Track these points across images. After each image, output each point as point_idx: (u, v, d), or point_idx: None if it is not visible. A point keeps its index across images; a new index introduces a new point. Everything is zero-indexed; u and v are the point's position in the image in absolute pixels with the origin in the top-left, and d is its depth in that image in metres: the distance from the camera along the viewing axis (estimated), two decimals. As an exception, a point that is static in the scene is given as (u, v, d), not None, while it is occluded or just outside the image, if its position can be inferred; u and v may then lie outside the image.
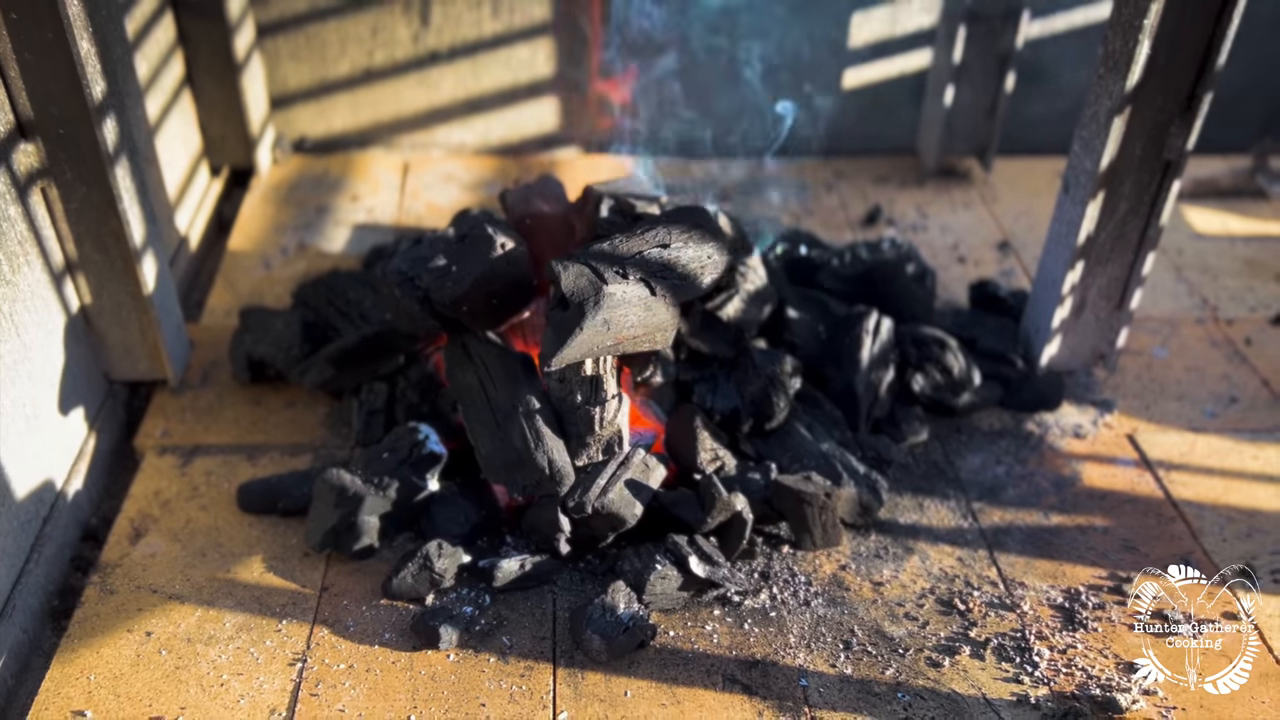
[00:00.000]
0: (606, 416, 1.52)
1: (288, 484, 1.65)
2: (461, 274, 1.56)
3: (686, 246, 1.53)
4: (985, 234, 2.42)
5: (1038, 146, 2.72)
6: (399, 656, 1.44)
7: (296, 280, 2.16)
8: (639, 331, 1.50)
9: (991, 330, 1.99)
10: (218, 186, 2.48)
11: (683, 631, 1.49)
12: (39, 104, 1.53)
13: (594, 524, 1.53)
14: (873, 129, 2.71)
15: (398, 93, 2.59)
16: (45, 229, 1.61)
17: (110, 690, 1.38)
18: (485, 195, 2.50)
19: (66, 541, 1.64)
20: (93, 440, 1.74)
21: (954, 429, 1.88)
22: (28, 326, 1.55)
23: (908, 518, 1.70)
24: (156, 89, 2.13)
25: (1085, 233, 1.76)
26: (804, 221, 2.44)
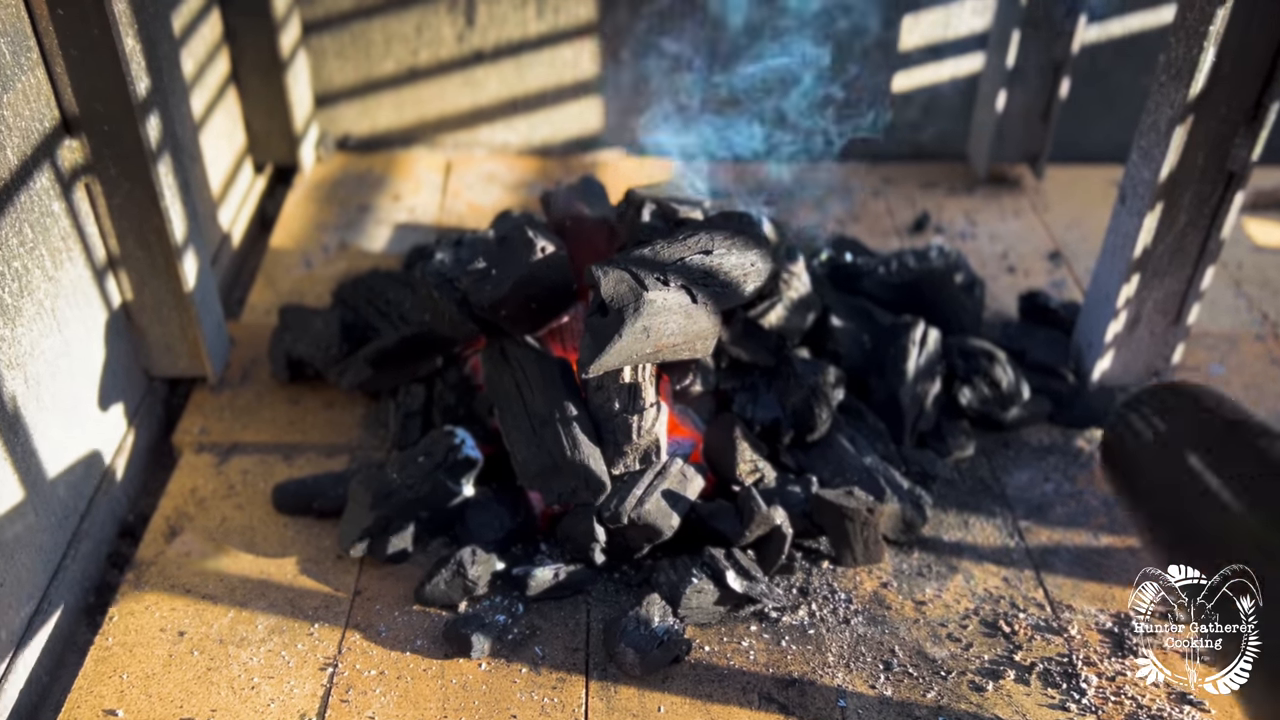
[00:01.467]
0: (644, 425, 1.50)
1: (323, 485, 1.64)
2: (500, 277, 1.54)
3: (729, 253, 1.50)
4: (1036, 243, 2.36)
5: (1091, 154, 2.66)
6: (430, 664, 1.42)
7: (337, 279, 2.16)
8: (679, 339, 1.47)
9: (1042, 343, 1.94)
10: (261, 184, 2.48)
11: (718, 647, 1.46)
12: (84, 100, 1.53)
13: (630, 534, 1.50)
14: (923, 134, 2.66)
15: (442, 92, 2.58)
16: (88, 225, 1.61)
17: (142, 690, 1.37)
18: (527, 196, 2.48)
19: (103, 538, 1.64)
20: (132, 436, 1.74)
21: (1001, 444, 1.83)
22: (69, 322, 1.55)
23: (952, 535, 1.65)
24: (202, 85, 2.14)
25: (1142, 245, 1.71)
26: (849, 228, 2.40)
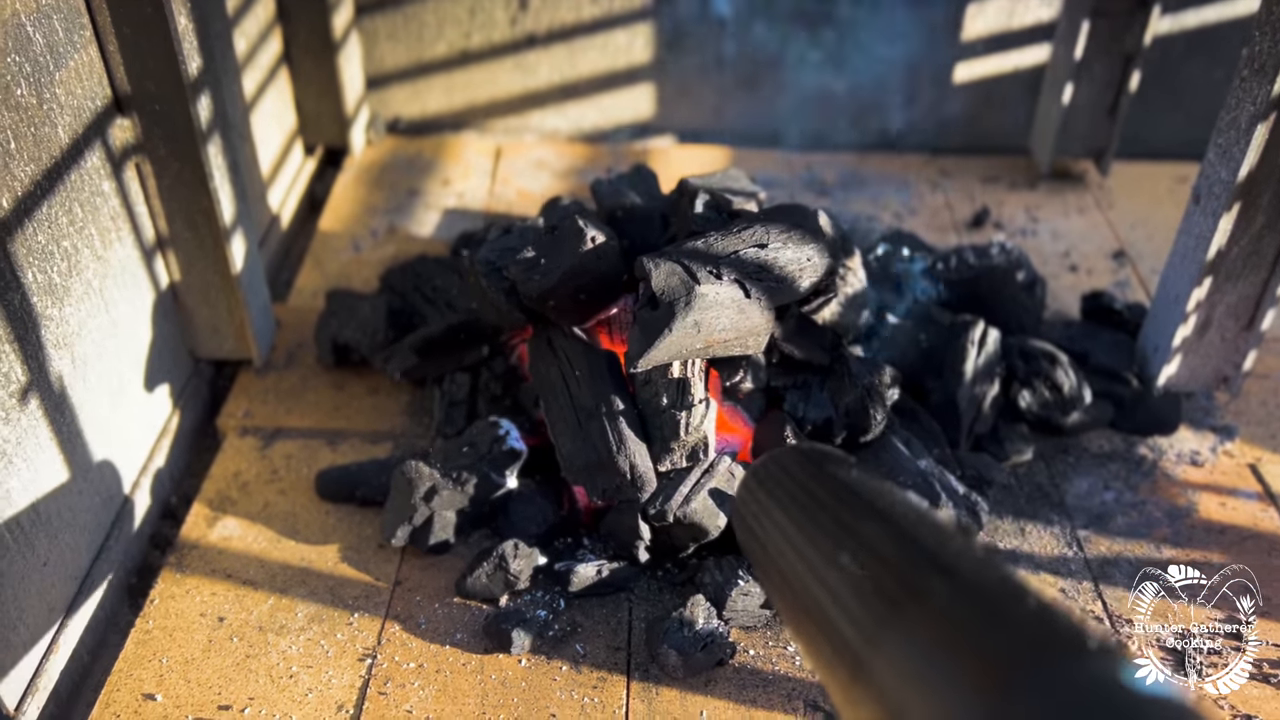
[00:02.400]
0: (693, 422, 1.46)
1: (366, 473, 1.63)
2: (549, 267, 1.51)
3: (785, 247, 1.46)
4: (1099, 242, 2.29)
5: (1159, 150, 2.57)
6: (469, 659, 1.40)
7: (385, 263, 2.14)
8: (730, 335, 1.43)
9: (1105, 345, 1.87)
10: (311, 165, 2.47)
11: (764, 651, 1.42)
12: (136, 79, 1.52)
13: (675, 533, 1.47)
14: (983, 126, 2.59)
15: (493, 76, 2.55)
16: (138, 205, 1.60)
17: (181, 675, 1.37)
18: (577, 183, 2.45)
19: (147, 519, 1.64)
20: (176, 418, 1.74)
21: (1060, 449, 1.77)
22: (117, 302, 1.54)
23: (1008, 543, 1.60)
24: (254, 66, 2.12)
25: (1216, 247, 1.64)
26: (906, 222, 2.34)
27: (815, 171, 2.52)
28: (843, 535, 0.76)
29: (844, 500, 0.81)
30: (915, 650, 0.62)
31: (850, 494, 0.82)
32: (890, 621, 0.65)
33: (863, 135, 2.62)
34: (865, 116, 2.60)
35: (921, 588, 0.65)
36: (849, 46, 2.50)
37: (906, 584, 0.66)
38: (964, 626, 0.61)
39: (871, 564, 0.70)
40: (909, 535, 0.71)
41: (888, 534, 0.73)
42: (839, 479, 0.85)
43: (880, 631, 0.65)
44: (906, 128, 2.60)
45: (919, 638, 0.62)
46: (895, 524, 0.74)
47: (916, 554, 0.69)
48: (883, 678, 0.63)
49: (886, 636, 0.64)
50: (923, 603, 0.64)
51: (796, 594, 0.78)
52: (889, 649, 0.64)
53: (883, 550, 0.71)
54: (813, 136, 2.63)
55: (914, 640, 0.63)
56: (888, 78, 2.54)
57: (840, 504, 0.81)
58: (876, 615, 0.66)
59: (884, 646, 0.64)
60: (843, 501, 0.81)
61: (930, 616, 0.63)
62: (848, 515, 0.78)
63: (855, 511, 0.78)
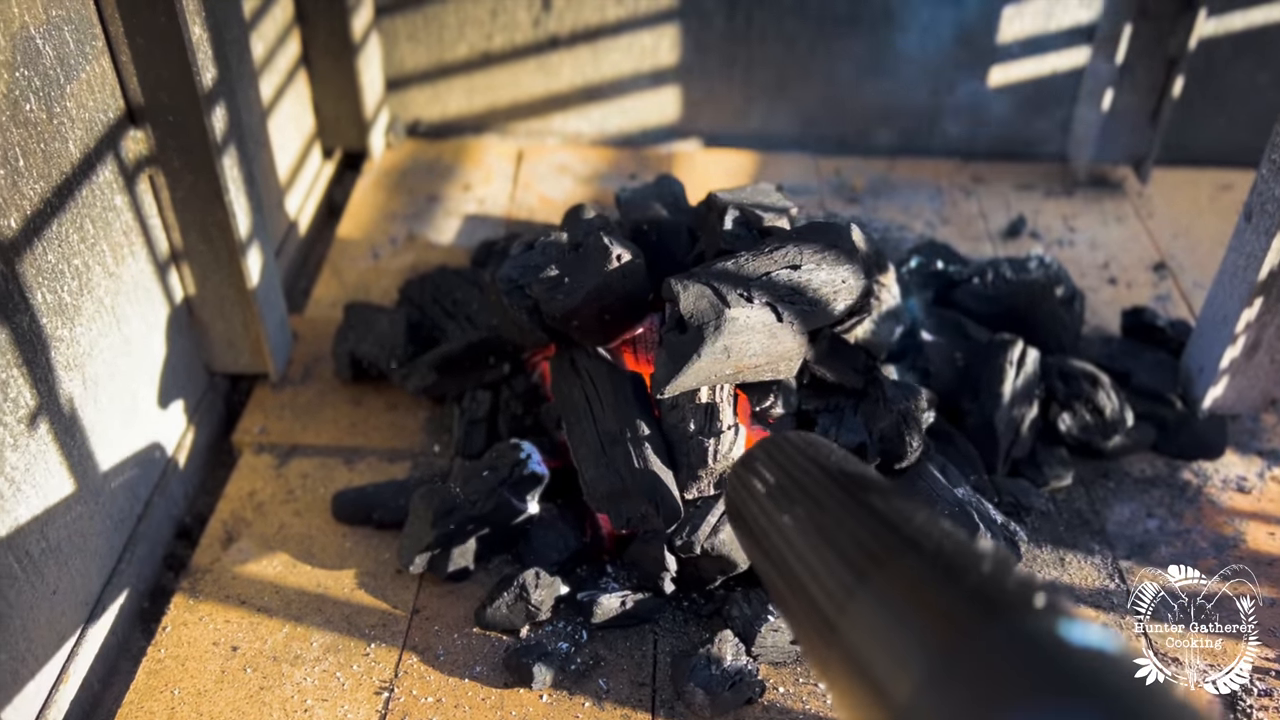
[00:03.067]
0: (721, 449, 1.40)
1: (384, 494, 1.58)
2: (573, 286, 1.45)
3: (819, 269, 1.40)
4: (1139, 253, 2.22)
5: (1200, 157, 2.49)
6: (489, 693, 1.35)
7: (404, 272, 2.09)
8: (761, 360, 1.38)
9: (1147, 365, 1.81)
10: (330, 170, 2.43)
11: (794, 689, 1.37)
12: (149, 90, 1.47)
13: (702, 565, 1.42)
14: (1019, 131, 2.52)
15: (515, 78, 2.49)
16: (151, 218, 1.56)
17: (193, 708, 1.33)
18: (599, 189, 2.40)
19: (159, 540, 1.60)
20: (191, 434, 1.70)
21: (1100, 473, 1.70)
22: (130, 319, 1.50)
23: (1047, 573, 1.54)
24: (272, 69, 2.08)
25: (1269, 267, 1.57)
26: (939, 231, 2.27)
27: (844, 177, 2.46)
28: (817, 512, 0.83)
29: (819, 481, 0.87)
30: (878, 612, 0.69)
31: (827, 475, 0.88)
32: (856, 588, 0.71)
33: (893, 140, 2.55)
34: (896, 120, 2.54)
35: (886, 557, 0.72)
36: (880, 48, 2.43)
37: (873, 554, 0.73)
38: (922, 590, 0.68)
39: (843, 538, 0.77)
40: (878, 511, 0.78)
41: (858, 510, 0.80)
42: (817, 462, 0.91)
43: (848, 597, 0.71)
44: (939, 132, 2.53)
45: (881, 601, 0.69)
46: (865, 501, 0.80)
47: (883, 528, 0.75)
48: (849, 637, 0.70)
49: (853, 601, 0.71)
50: (886, 570, 0.71)
51: (780, 570, 0.84)
52: (855, 612, 0.70)
53: (852, 525, 0.78)
54: (842, 141, 2.56)
55: (877, 603, 0.69)
56: (920, 81, 2.47)
57: (817, 484, 0.87)
58: (845, 583, 0.73)
59: (850, 610, 0.71)
60: (819, 482, 0.87)
61: (892, 581, 0.70)
62: (824, 494, 0.85)
63: (829, 490, 0.85)
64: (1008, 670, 0.58)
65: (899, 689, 0.63)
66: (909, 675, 0.62)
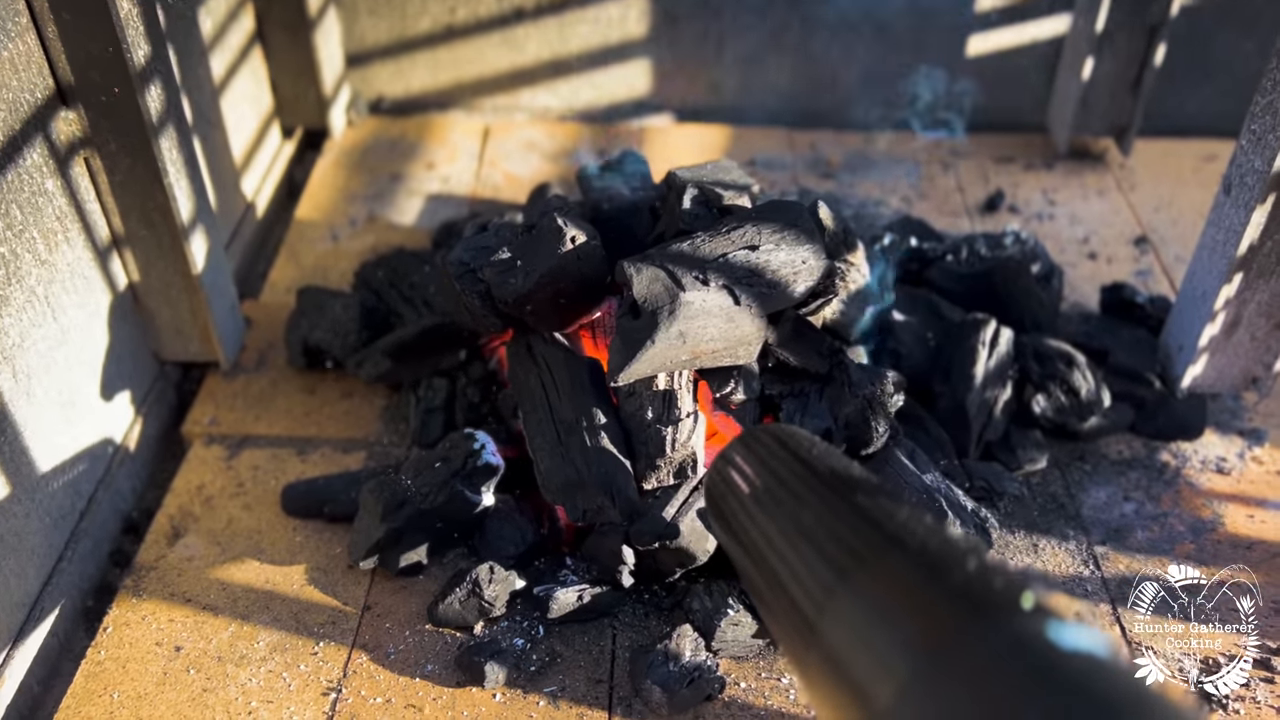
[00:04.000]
0: (679, 437, 1.35)
1: (334, 487, 1.53)
2: (527, 269, 1.40)
3: (778, 249, 1.34)
4: (1120, 227, 2.16)
5: (1184, 127, 2.43)
6: (440, 693, 1.31)
7: (364, 254, 2.03)
8: (719, 345, 1.33)
9: (1126, 343, 1.75)
10: (290, 149, 2.36)
11: (755, 684, 1.33)
12: (79, 69, 1.41)
13: (660, 557, 1.37)
14: (997, 102, 2.45)
15: (480, 52, 2.42)
16: (89, 203, 1.50)
17: (132, 712, 1.28)
18: (567, 166, 2.33)
19: (105, 536, 1.55)
20: (139, 425, 1.65)
21: (1076, 455, 1.66)
22: (66, 308, 1.45)
23: (1020, 560, 1.50)
24: (224, 46, 2.01)
25: (1249, 241, 1.52)
26: (915, 206, 2.21)
27: (820, 151, 2.40)
28: (798, 509, 0.79)
29: (801, 476, 0.84)
30: (859, 613, 0.66)
31: (808, 469, 0.84)
32: (837, 588, 0.68)
33: (870, 112, 2.49)
34: (872, 92, 2.47)
35: (868, 555, 0.69)
36: (856, 18, 2.36)
37: (854, 552, 0.70)
38: (905, 590, 0.65)
39: (824, 536, 0.74)
40: (860, 508, 0.75)
41: (839, 507, 0.76)
42: (799, 456, 0.87)
43: (828, 598, 0.69)
44: (916, 104, 2.47)
45: (863, 602, 0.66)
46: (847, 497, 0.77)
47: (865, 525, 0.72)
48: (830, 638, 0.67)
49: (834, 600, 0.68)
50: (868, 568, 0.68)
51: (759, 568, 0.81)
52: (835, 613, 0.67)
53: (834, 522, 0.75)
54: (818, 114, 2.49)
55: (858, 604, 0.67)
56: (896, 52, 2.40)
57: (797, 479, 0.84)
58: (826, 584, 0.70)
59: (831, 611, 0.68)
60: (799, 477, 0.84)
61: (874, 580, 0.67)
62: (804, 490, 0.81)
63: (810, 486, 0.81)
64: (994, 674, 0.56)
65: (880, 693, 0.60)
66: (891, 678, 0.60)
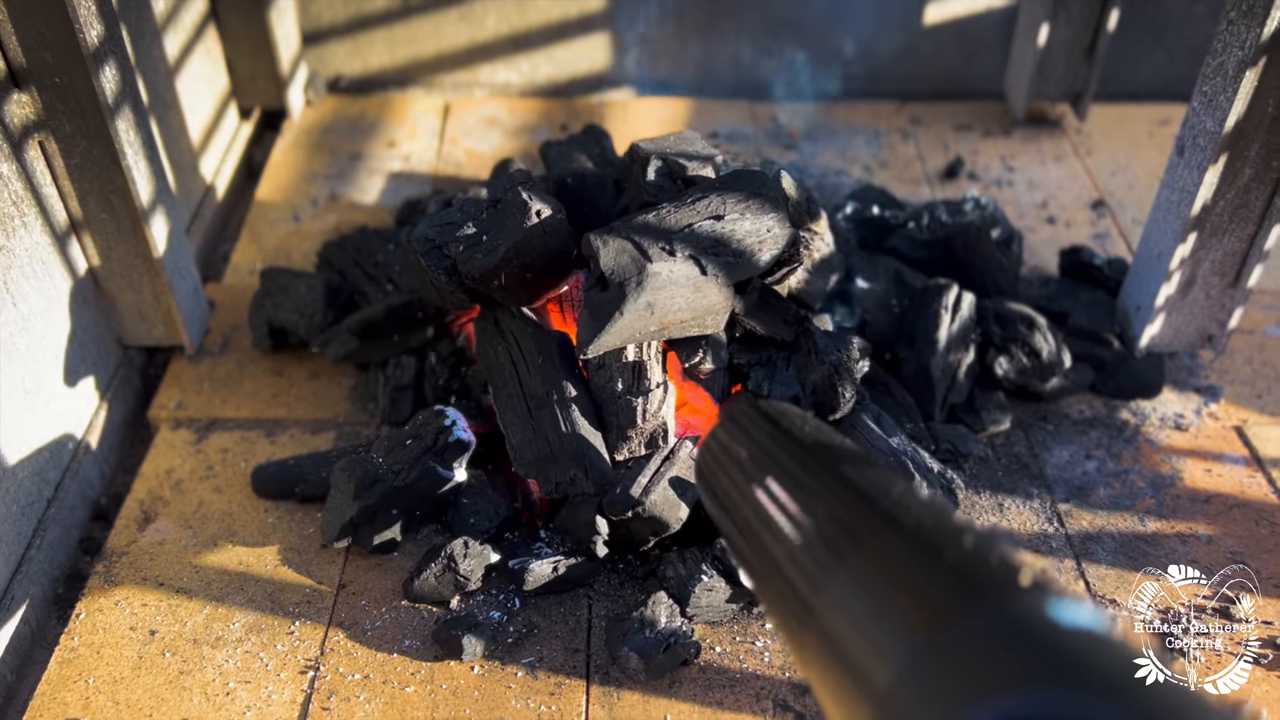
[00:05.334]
0: (650, 408, 1.37)
1: (305, 467, 1.53)
2: (492, 244, 1.40)
3: (743, 218, 1.35)
4: (1078, 191, 2.19)
5: (1138, 92, 2.46)
6: (419, 667, 1.32)
7: (326, 234, 2.02)
8: (687, 315, 1.34)
9: (1085, 305, 1.79)
10: (248, 130, 2.33)
11: (730, 648, 1.35)
12: (30, 50, 1.38)
13: (634, 527, 1.38)
14: (955, 70, 2.47)
15: (438, 28, 2.40)
16: (45, 187, 1.48)
17: (109, 696, 1.28)
18: (530, 141, 2.32)
19: (74, 523, 1.54)
20: (104, 412, 1.63)
21: (1039, 416, 1.69)
22: (25, 295, 1.43)
23: (985, 520, 1.53)
24: (177, 26, 1.98)
25: (1202, 201, 1.55)
26: (876, 175, 2.23)
27: (781, 122, 2.40)
28: (792, 488, 0.78)
29: (793, 454, 0.83)
30: (855, 594, 0.65)
31: (799, 448, 0.83)
32: (834, 568, 0.68)
33: (830, 82, 2.50)
34: (832, 63, 2.48)
35: (863, 533, 0.68)
36: (814, -12, 2.37)
37: (850, 532, 0.69)
38: (901, 569, 0.64)
39: (819, 514, 0.73)
40: (854, 485, 0.74)
41: (833, 485, 0.75)
42: (791, 434, 0.86)
43: (825, 578, 0.68)
44: (875, 73, 2.48)
45: (859, 581, 0.66)
46: (840, 474, 0.76)
47: (860, 503, 0.71)
48: (826, 621, 0.66)
49: (830, 582, 0.67)
50: (864, 547, 0.67)
51: (754, 548, 0.80)
52: (832, 593, 0.67)
53: (828, 500, 0.74)
54: (778, 85, 2.50)
55: (855, 584, 0.66)
56: (855, 21, 2.41)
57: (790, 458, 0.82)
58: (822, 563, 0.69)
59: (828, 592, 0.67)
60: (792, 455, 0.83)
61: (870, 561, 0.66)
62: (797, 468, 0.80)
63: (803, 464, 0.80)
64: (994, 654, 0.55)
65: (879, 674, 0.59)
66: (890, 659, 0.59)
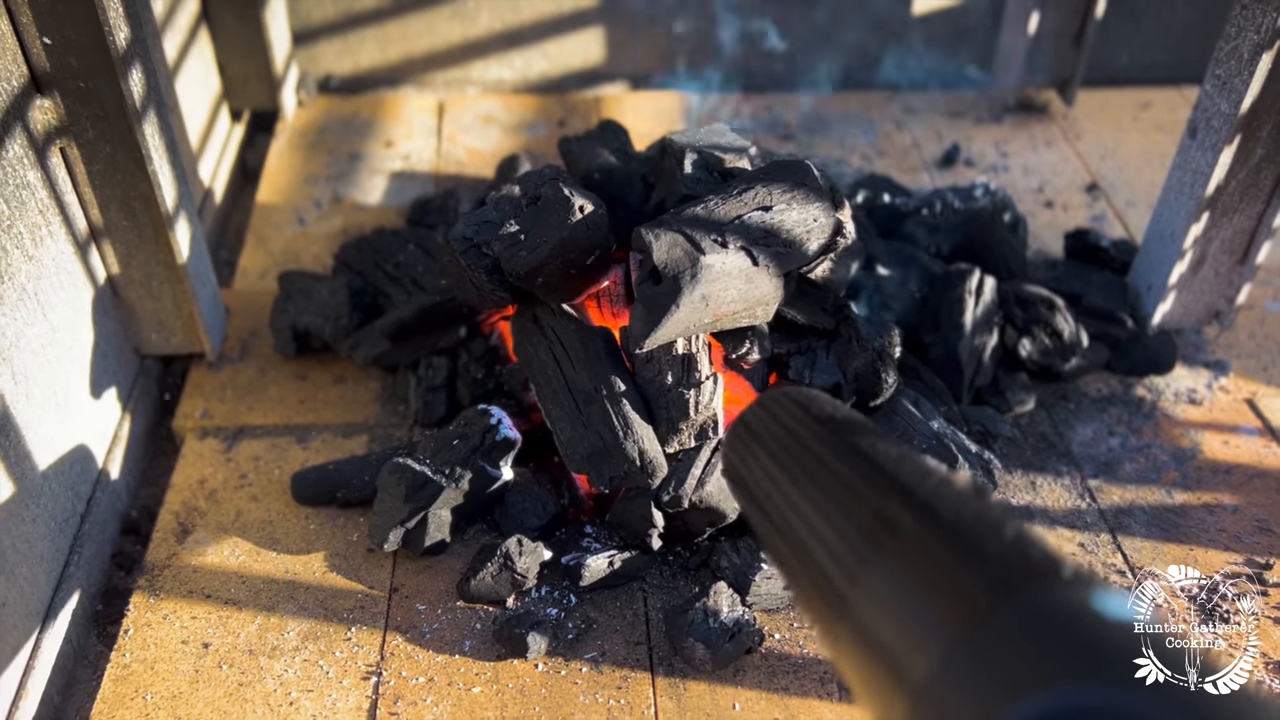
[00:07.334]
0: (702, 400, 1.37)
1: (346, 472, 1.51)
2: (536, 241, 1.39)
3: (790, 209, 1.37)
4: (1071, 175, 2.24)
5: (1117, 77, 2.52)
6: (483, 667, 1.31)
7: (334, 236, 1.99)
8: (739, 306, 1.34)
9: (1097, 286, 1.83)
10: (240, 132, 2.29)
11: (790, 634, 1.36)
12: (56, 54, 1.35)
13: (690, 519, 1.39)
14: (947, 59, 2.51)
15: (430, 25, 2.38)
16: (67, 194, 1.44)
17: (169, 712, 1.25)
18: (528, 138, 2.31)
19: (106, 538, 1.50)
20: (127, 423, 1.60)
21: (1059, 395, 1.73)
22: (54, 305, 1.39)
23: (1021, 498, 1.56)
24: (173, 28, 1.94)
25: (1215, 182, 1.59)
26: (875, 163, 2.26)
27: (776, 114, 2.42)
28: (825, 476, 0.77)
29: (826, 441, 0.81)
30: (892, 585, 0.64)
31: (832, 435, 0.81)
32: (871, 559, 0.66)
33: (821, 74, 2.52)
34: (823, 54, 2.51)
35: (901, 525, 0.66)
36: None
37: (887, 522, 0.67)
38: (940, 560, 0.63)
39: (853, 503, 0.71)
40: (890, 473, 0.72)
41: (869, 473, 0.74)
42: (822, 420, 0.84)
43: (861, 569, 0.66)
44: (867, 64, 2.51)
45: (896, 573, 0.64)
46: (876, 463, 0.74)
47: (896, 492, 0.70)
48: (862, 613, 0.65)
49: (865, 572, 0.66)
50: (901, 538, 0.65)
51: (785, 538, 0.78)
52: (868, 585, 0.65)
53: (864, 489, 0.72)
54: (771, 77, 2.52)
55: (892, 575, 0.64)
56: (845, 12, 2.44)
57: (823, 445, 0.80)
58: (859, 554, 0.67)
59: (864, 583, 0.66)
60: (825, 443, 0.81)
61: (908, 552, 0.65)
62: (830, 456, 0.78)
63: (837, 452, 0.78)
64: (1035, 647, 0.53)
65: (916, 668, 0.58)
66: (927, 652, 0.57)
